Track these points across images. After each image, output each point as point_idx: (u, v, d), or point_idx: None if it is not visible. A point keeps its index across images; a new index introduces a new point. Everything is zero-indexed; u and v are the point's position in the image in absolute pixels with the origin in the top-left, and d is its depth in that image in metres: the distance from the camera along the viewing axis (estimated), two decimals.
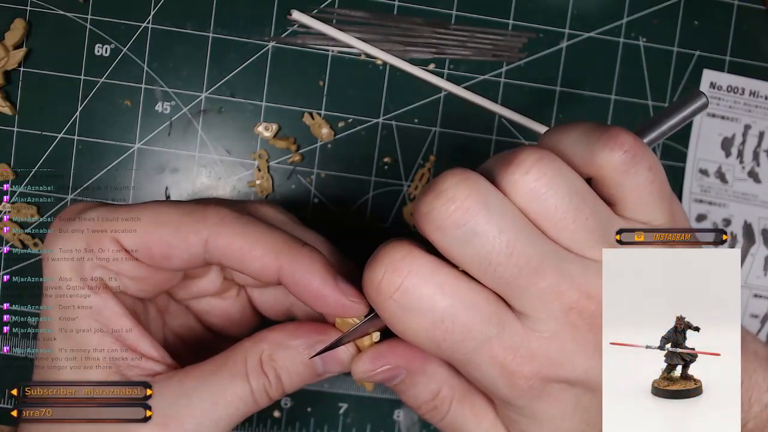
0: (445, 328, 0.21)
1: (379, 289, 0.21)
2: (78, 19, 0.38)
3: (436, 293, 0.21)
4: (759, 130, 0.42)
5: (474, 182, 0.21)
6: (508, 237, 0.20)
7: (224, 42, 0.39)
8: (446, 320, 0.21)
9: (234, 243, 0.24)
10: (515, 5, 0.40)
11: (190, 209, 0.25)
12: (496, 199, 0.21)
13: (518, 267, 0.21)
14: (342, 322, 0.25)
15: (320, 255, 0.25)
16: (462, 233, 0.20)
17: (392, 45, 0.40)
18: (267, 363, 0.24)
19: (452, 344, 0.21)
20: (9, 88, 0.38)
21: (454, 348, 0.21)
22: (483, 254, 0.21)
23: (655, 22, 0.41)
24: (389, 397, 0.41)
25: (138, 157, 0.39)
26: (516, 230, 0.21)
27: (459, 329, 0.21)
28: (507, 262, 0.21)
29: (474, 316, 0.21)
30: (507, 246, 0.20)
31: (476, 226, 0.20)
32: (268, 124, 0.39)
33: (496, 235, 0.20)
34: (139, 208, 0.25)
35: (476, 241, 0.20)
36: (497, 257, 0.20)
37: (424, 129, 0.40)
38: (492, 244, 0.20)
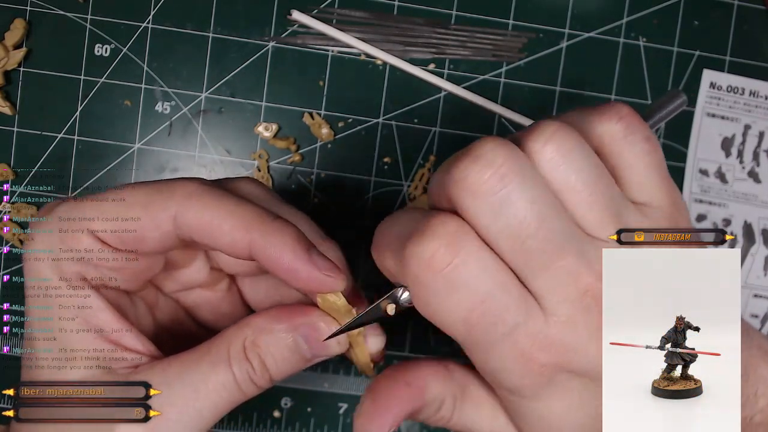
0: (483, 311, 0.21)
1: (430, 263, 0.20)
2: (78, 19, 0.38)
3: (482, 273, 0.20)
4: (759, 130, 0.42)
5: (510, 149, 0.20)
6: (539, 208, 0.20)
7: (224, 42, 0.39)
8: (486, 302, 0.20)
9: (203, 217, 0.23)
10: (515, 5, 0.40)
11: (158, 187, 0.24)
12: (529, 168, 0.20)
13: (546, 241, 0.20)
14: (323, 300, 0.24)
15: (293, 228, 0.24)
16: (496, 201, 0.20)
17: (392, 45, 0.40)
18: (250, 349, 0.24)
19: (484, 328, 0.21)
20: (9, 88, 0.38)
21: (485, 332, 0.21)
22: (514, 225, 0.20)
23: (655, 22, 0.41)
24: None
25: (138, 157, 0.39)
26: (546, 202, 0.20)
27: (495, 312, 0.21)
28: (536, 234, 0.20)
29: (509, 299, 0.21)
30: (538, 217, 0.20)
31: (511, 194, 0.20)
32: (268, 124, 0.39)
33: (529, 205, 0.20)
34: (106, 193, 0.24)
35: (509, 210, 0.20)
36: (527, 229, 0.20)
37: (424, 129, 0.40)
38: (524, 214, 0.20)
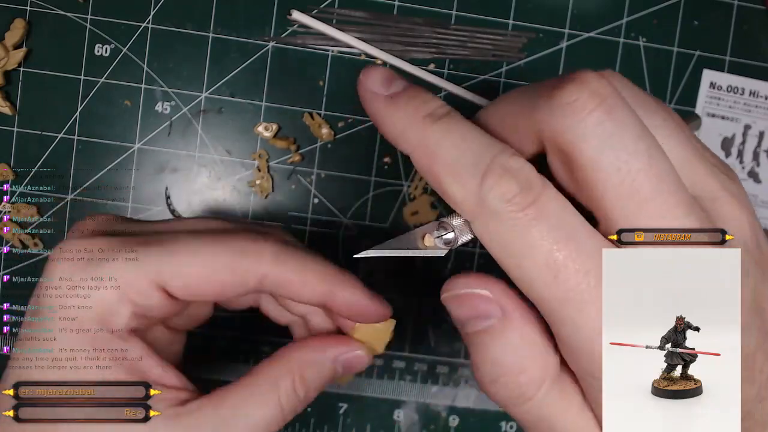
0: (569, 252, 0.19)
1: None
2: (78, 19, 0.38)
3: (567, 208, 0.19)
4: (759, 130, 0.42)
5: (612, 85, 0.19)
6: (648, 144, 0.19)
7: (224, 42, 0.39)
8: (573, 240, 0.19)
9: (290, 277, 0.25)
10: (515, 5, 0.40)
11: (243, 249, 0.25)
12: (629, 106, 0.19)
13: (658, 180, 0.19)
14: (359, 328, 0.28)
15: (354, 276, 0.27)
16: (606, 129, 0.19)
17: (392, 45, 0.40)
18: (299, 384, 0.26)
19: (569, 276, 0.19)
20: (9, 88, 0.38)
21: (570, 282, 0.19)
22: (623, 158, 0.19)
23: (655, 22, 0.41)
24: (389, 397, 0.41)
25: (138, 157, 0.39)
26: (652, 141, 0.19)
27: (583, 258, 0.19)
28: (648, 170, 0.19)
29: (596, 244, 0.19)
30: (647, 153, 0.19)
31: (619, 126, 0.19)
32: (268, 124, 0.39)
33: (637, 140, 0.19)
34: (189, 252, 0.24)
35: (620, 141, 0.19)
36: (638, 163, 0.19)
37: None
38: (634, 147, 0.19)
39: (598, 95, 0.19)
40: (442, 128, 0.20)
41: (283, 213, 0.40)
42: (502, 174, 0.19)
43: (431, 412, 0.41)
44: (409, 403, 0.41)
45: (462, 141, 0.20)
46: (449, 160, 0.20)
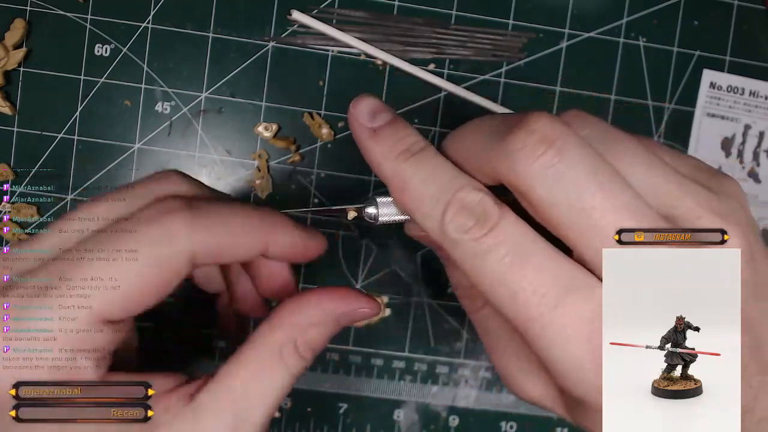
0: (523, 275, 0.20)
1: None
2: (78, 19, 0.38)
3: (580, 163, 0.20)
4: (759, 130, 0.42)
5: (563, 123, 0.20)
6: (602, 179, 0.20)
7: (224, 42, 0.39)
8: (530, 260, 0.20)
9: (218, 242, 0.23)
10: (515, 5, 0.40)
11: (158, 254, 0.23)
12: (583, 142, 0.20)
13: (614, 211, 0.19)
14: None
15: (284, 216, 0.26)
16: (555, 171, 0.20)
17: (392, 45, 0.40)
18: (303, 348, 0.25)
19: (527, 298, 0.20)
20: (9, 88, 0.38)
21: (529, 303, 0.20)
22: (575, 197, 0.20)
23: (655, 22, 0.41)
24: (389, 397, 0.41)
25: (138, 157, 0.39)
26: (611, 175, 0.20)
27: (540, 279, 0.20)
28: (602, 206, 0.19)
29: (556, 270, 0.20)
30: (602, 187, 0.20)
31: (571, 164, 0.20)
32: (268, 124, 0.39)
33: (590, 175, 0.20)
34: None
35: (569, 182, 0.20)
36: (591, 200, 0.20)
37: (424, 129, 0.40)
38: (587, 183, 0.19)
39: (547, 140, 0.20)
40: (413, 164, 0.22)
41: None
42: (459, 208, 0.21)
43: (431, 412, 0.41)
44: (409, 403, 0.41)
45: (429, 176, 0.22)
46: (417, 194, 0.22)
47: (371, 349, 0.41)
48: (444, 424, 0.41)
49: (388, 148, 0.23)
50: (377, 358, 0.41)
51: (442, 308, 0.41)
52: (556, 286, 0.20)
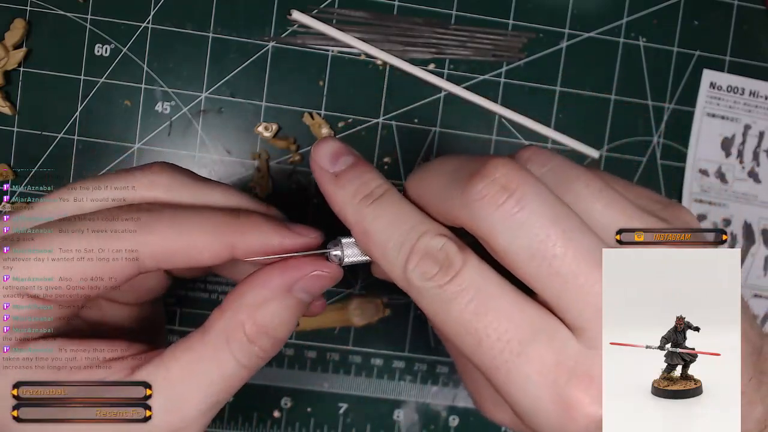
0: (488, 321, 0.20)
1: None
2: (78, 19, 0.38)
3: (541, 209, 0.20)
4: (759, 130, 0.42)
5: (522, 168, 0.20)
6: (563, 227, 0.20)
7: (224, 42, 0.39)
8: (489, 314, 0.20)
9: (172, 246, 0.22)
10: (515, 5, 0.40)
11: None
12: (544, 188, 0.20)
13: (576, 261, 0.19)
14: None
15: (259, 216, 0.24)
16: (516, 221, 0.20)
17: (392, 45, 0.40)
18: (254, 331, 0.23)
19: (492, 344, 0.20)
20: (9, 88, 0.38)
21: (493, 350, 0.20)
22: (535, 246, 0.19)
23: (655, 22, 0.41)
24: (389, 397, 0.41)
25: (138, 157, 0.39)
26: (571, 221, 0.20)
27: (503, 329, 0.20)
28: (564, 254, 0.19)
29: (520, 316, 0.20)
30: (563, 234, 0.19)
31: (532, 213, 0.20)
32: (268, 124, 0.39)
33: (550, 224, 0.19)
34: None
35: (530, 230, 0.19)
36: (552, 248, 0.19)
37: (424, 129, 0.40)
38: (547, 232, 0.19)
39: (508, 188, 0.20)
40: (375, 209, 0.22)
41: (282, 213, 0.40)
42: (422, 255, 0.21)
43: (431, 412, 0.41)
44: (409, 403, 0.41)
45: (391, 222, 0.22)
46: (379, 240, 0.22)
47: (371, 349, 0.41)
48: (444, 424, 0.41)
49: (350, 194, 0.23)
50: (377, 358, 0.41)
51: None
52: (519, 332, 0.20)
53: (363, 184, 0.23)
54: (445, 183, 0.22)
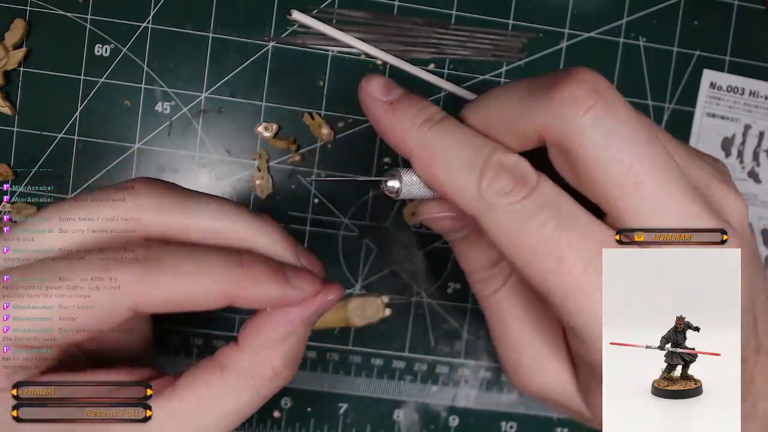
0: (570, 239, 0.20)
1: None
2: (78, 19, 0.38)
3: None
4: (759, 130, 0.42)
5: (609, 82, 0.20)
6: (646, 136, 0.20)
7: (224, 42, 0.39)
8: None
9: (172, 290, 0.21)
10: (515, 5, 0.40)
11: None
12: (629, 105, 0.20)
13: (661, 170, 0.19)
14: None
15: (262, 265, 0.22)
16: (604, 127, 0.19)
17: (392, 45, 0.40)
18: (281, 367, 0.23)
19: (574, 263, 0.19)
20: (9, 88, 0.38)
21: (575, 270, 0.19)
22: (625, 152, 0.19)
23: (655, 22, 0.41)
24: (389, 397, 0.41)
25: (138, 157, 0.39)
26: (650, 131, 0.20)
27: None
28: (651, 162, 0.19)
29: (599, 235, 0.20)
30: (647, 144, 0.19)
31: (620, 118, 0.19)
32: (268, 124, 0.39)
33: (637, 132, 0.19)
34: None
35: (619, 137, 0.19)
36: (638, 156, 0.19)
37: None
38: (635, 140, 0.19)
39: (597, 92, 0.19)
40: (439, 132, 0.21)
41: (283, 213, 0.40)
42: (497, 170, 0.20)
43: (431, 412, 0.41)
44: (409, 403, 0.41)
45: (458, 143, 0.21)
46: (447, 162, 0.21)
47: (371, 349, 0.41)
48: (444, 424, 0.41)
49: (409, 120, 0.22)
50: (377, 358, 0.41)
51: (442, 308, 0.41)
52: (600, 252, 0.19)
53: (422, 110, 0.22)
54: (520, 99, 0.21)
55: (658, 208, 0.20)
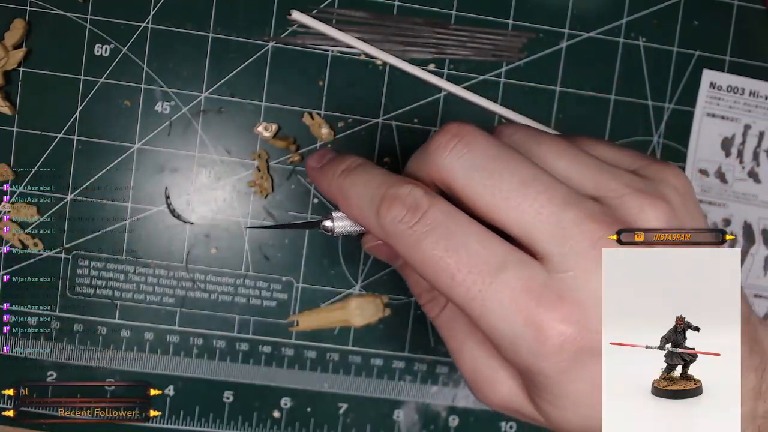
0: (459, 257, 0.21)
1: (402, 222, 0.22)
2: (78, 19, 0.38)
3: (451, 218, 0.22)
4: (759, 130, 0.42)
5: (471, 124, 0.23)
6: (505, 160, 0.22)
7: (224, 42, 0.39)
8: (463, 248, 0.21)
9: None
10: (515, 5, 0.40)
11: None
12: (492, 137, 0.23)
13: (521, 184, 0.21)
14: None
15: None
16: (465, 160, 0.22)
17: (392, 45, 0.40)
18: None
19: (464, 277, 0.21)
20: (9, 88, 0.38)
21: (467, 283, 0.21)
22: (486, 176, 0.22)
23: (655, 22, 0.41)
24: (389, 397, 0.41)
25: (138, 157, 0.39)
26: (511, 157, 0.22)
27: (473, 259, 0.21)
28: (510, 180, 0.21)
29: (488, 250, 0.21)
30: (506, 167, 0.22)
31: (477, 151, 0.22)
32: (268, 124, 0.39)
33: (493, 159, 0.22)
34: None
35: (478, 165, 0.22)
36: (497, 178, 0.22)
37: (424, 129, 0.40)
38: (492, 166, 0.22)
39: (458, 135, 0.22)
40: (351, 178, 0.25)
41: (283, 213, 0.40)
42: (391, 201, 0.23)
43: (431, 412, 0.41)
44: (409, 403, 0.41)
45: (365, 183, 0.24)
46: (356, 202, 0.24)
47: (371, 349, 0.41)
48: (444, 424, 0.41)
49: (331, 173, 0.25)
50: (377, 358, 0.41)
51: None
52: (489, 264, 0.21)
53: (341, 163, 0.25)
54: (419, 155, 0.24)
55: (533, 220, 0.21)
